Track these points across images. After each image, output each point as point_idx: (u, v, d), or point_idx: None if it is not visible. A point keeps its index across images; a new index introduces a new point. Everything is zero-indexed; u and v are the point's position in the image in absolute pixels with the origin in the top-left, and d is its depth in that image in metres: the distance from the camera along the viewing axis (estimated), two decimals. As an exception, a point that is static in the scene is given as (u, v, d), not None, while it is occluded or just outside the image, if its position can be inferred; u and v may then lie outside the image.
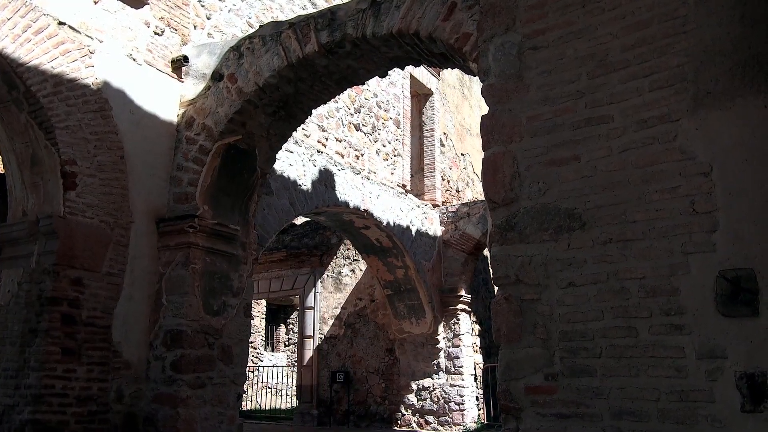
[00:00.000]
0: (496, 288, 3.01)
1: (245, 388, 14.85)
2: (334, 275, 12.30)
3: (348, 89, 9.85)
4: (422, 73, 11.94)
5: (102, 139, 5.98)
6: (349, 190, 9.32)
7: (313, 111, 9.09)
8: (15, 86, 5.47)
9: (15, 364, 5.37)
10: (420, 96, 12.25)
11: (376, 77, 10.65)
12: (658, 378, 2.47)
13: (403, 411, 11.17)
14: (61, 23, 5.78)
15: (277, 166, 8.10)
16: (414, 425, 11.02)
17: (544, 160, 2.92)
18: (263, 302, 16.20)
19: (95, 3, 6.22)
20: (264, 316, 16.35)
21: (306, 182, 8.60)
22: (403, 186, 10.90)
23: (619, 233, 2.67)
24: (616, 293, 2.62)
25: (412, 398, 11.15)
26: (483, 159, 3.14)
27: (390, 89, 11.00)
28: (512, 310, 2.83)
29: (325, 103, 7.12)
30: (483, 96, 3.22)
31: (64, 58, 5.76)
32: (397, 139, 10.98)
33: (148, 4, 6.78)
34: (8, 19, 5.33)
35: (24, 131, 5.70)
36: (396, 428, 11.05)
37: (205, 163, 6.54)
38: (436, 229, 11.27)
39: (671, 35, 2.69)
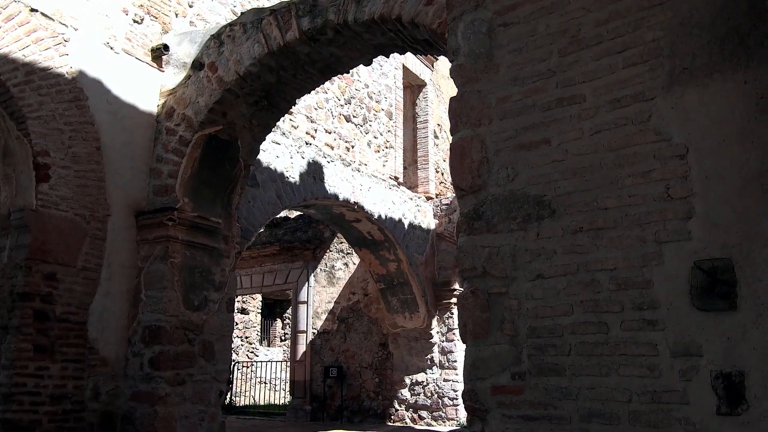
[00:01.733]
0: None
1: (241, 384, 14.75)
2: (328, 269, 12.14)
3: (338, 80, 9.72)
4: (415, 64, 11.73)
5: (77, 129, 5.82)
6: (338, 183, 9.14)
7: (302, 102, 8.96)
8: (-16, 76, 5.31)
9: (-14, 361, 5.23)
10: (413, 87, 12.04)
11: (368, 68, 10.53)
12: (630, 378, 2.29)
13: (397, 406, 11.03)
14: (33, 10, 5.60)
15: (264, 158, 7.93)
16: (408, 420, 10.87)
17: (513, 144, 2.73)
18: (258, 297, 16.07)
19: (70, -10, 6.04)
20: (259, 311, 16.23)
21: (294, 174, 8.42)
22: (396, 178, 10.72)
23: (590, 221, 2.48)
24: (586, 286, 2.44)
25: (405, 393, 11.00)
26: (450, 144, 2.96)
27: (382, 80, 10.80)
28: (479, 304, 2.65)
29: (308, 93, 6.94)
30: (452, 77, 3.03)
31: (37, 47, 5.59)
32: (389, 131, 10.79)
33: (127, -9, 6.60)
34: (-24, 6, 5.16)
35: (-5, 122, 5.55)
36: (390, 424, 10.91)
37: (185, 154, 6.38)
38: (429, 221, 11.09)
39: (646, 8, 2.49)
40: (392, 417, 11.04)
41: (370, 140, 10.31)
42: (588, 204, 2.49)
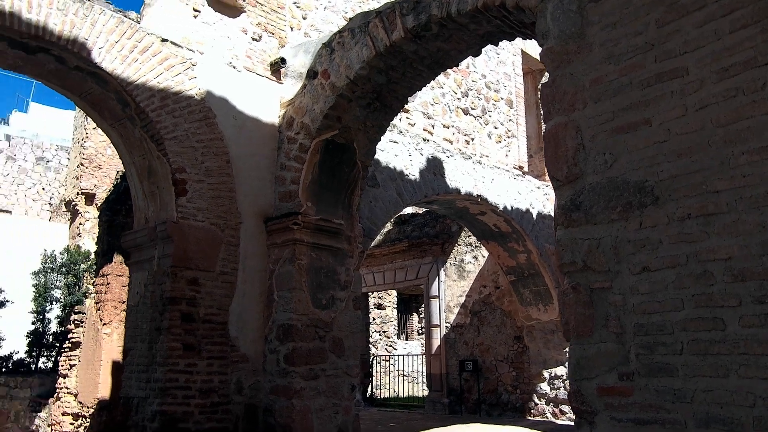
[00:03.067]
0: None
1: (381, 377, 15.17)
2: (457, 263, 12.09)
3: (454, 74, 9.63)
4: (535, 48, 11.26)
5: (208, 146, 6.32)
6: (459, 177, 9.06)
7: (417, 99, 8.99)
8: (127, 104, 5.94)
9: (145, 359, 5.87)
10: (534, 72, 11.59)
11: (484, 58, 10.31)
12: (752, 380, 2.03)
13: (536, 400, 10.72)
14: (163, 40, 6.18)
15: (382, 158, 8.08)
16: (548, 415, 10.53)
17: (610, 127, 2.53)
18: (393, 292, 16.41)
19: (195, 17, 6.58)
20: (395, 306, 16.58)
21: (413, 171, 8.49)
22: (520, 168, 10.40)
23: (699, 207, 2.23)
24: (697, 278, 2.20)
25: (544, 387, 10.66)
26: (544, 133, 2.81)
27: (500, 68, 10.53)
28: (581, 300, 2.50)
29: (419, 90, 6.95)
30: (542, 62, 2.88)
31: (169, 73, 6.16)
32: (510, 120, 10.49)
33: (245, 11, 7.05)
34: (116, 42, 5.80)
35: (139, 145, 6.19)
36: (529, 418, 10.64)
37: (305, 160, 6.67)
38: (559, 209, 10.62)
39: (755, -40, 2.19)
40: (532, 411, 10.76)
41: (490, 131, 10.10)
42: (696, 187, 2.24)
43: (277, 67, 7.12)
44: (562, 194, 2.66)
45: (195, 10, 6.59)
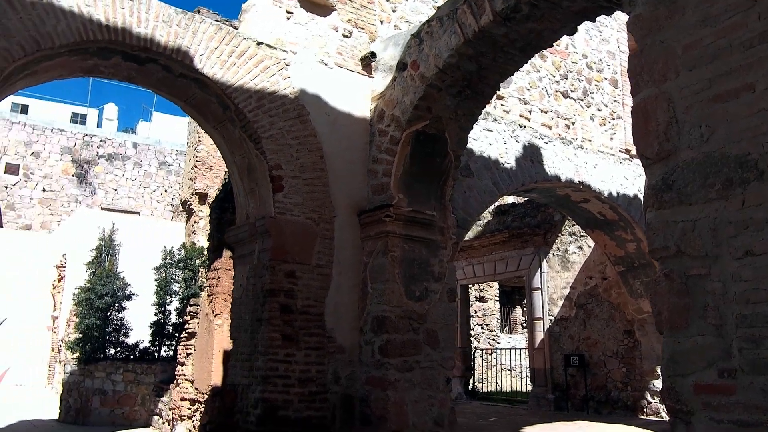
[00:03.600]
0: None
1: (484, 371, 14.95)
2: (560, 253, 11.63)
3: (551, 56, 9.25)
4: (641, 21, 10.57)
5: (302, 142, 6.50)
6: (559, 163, 8.70)
7: (512, 85, 8.73)
8: (227, 106, 6.24)
9: (247, 348, 6.14)
10: (641, 47, 10.87)
11: (585, 37, 9.81)
12: None
13: (650, 398, 10.09)
14: (259, 43, 6.42)
15: (476, 147, 7.92)
16: (663, 414, 9.86)
17: (706, 96, 2.28)
18: (495, 284, 16.09)
19: (288, 18, 6.78)
20: (497, 299, 16.25)
21: (509, 160, 8.25)
22: (627, 151, 9.80)
23: (811, 181, 1.96)
24: (810, 262, 1.93)
25: (658, 384, 9.98)
26: (632, 108, 2.60)
27: (602, 47, 9.97)
28: (675, 289, 2.28)
29: (512, 75, 6.74)
30: (629, 31, 2.66)
31: (264, 74, 6.39)
32: (615, 101, 9.91)
33: (335, 9, 7.16)
34: (216, 48, 6.10)
35: (239, 144, 6.48)
36: (642, 417, 10.03)
37: (396, 152, 6.67)
38: (671, 195, 9.90)
39: None
40: (644, 410, 10.14)
41: (592, 114, 9.60)
42: (808, 159, 1.97)
43: (368, 61, 7.18)
44: (653, 173, 2.44)
45: (288, 12, 6.78)
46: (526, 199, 12.00)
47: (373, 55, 7.17)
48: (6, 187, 22.65)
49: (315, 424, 5.95)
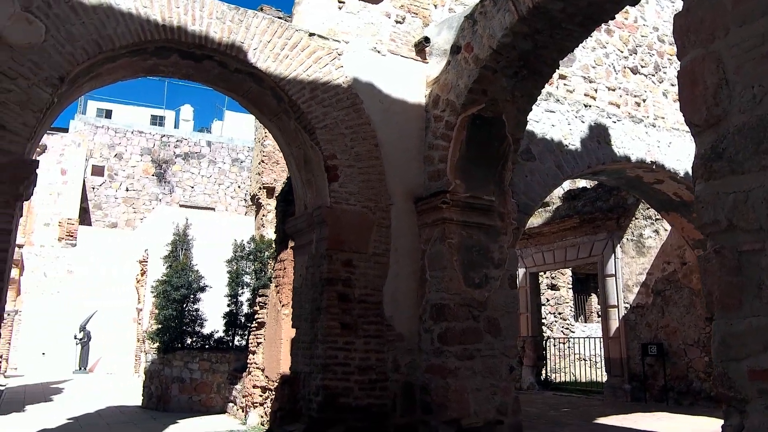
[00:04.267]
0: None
1: (558, 360, 14.54)
2: (635, 238, 11.09)
3: (618, 30, 8.81)
4: (718, -13, 9.86)
5: (356, 131, 6.49)
6: (628, 143, 8.28)
7: (576, 62, 8.37)
8: (281, 98, 6.32)
9: (308, 337, 6.23)
10: (719, 16, 10.14)
11: (655, 8, 9.27)
12: None
13: (736, 391, 9.47)
14: (311, 34, 6.46)
15: (537, 129, 7.66)
16: (751, 408, 9.24)
17: (760, 53, 2.06)
18: (567, 272, 15.59)
19: (339, 8, 6.78)
20: (570, 286, 15.73)
21: (574, 141, 7.93)
22: (704, 127, 9.19)
23: None
24: None
25: (745, 376, 9.37)
26: (678, 71, 2.40)
27: (674, 17, 9.38)
28: (726, 266, 2.09)
29: (571, 51, 6.44)
30: (676, -9, 2.45)
31: (317, 65, 6.42)
32: (689, 74, 9.31)
33: (387, -4, 7.09)
34: (268, 42, 6.18)
35: (295, 136, 6.56)
36: (728, 410, 9.42)
37: (451, 138, 6.55)
38: (756, 172, 9.22)
39: None
40: (730, 402, 9.53)
41: (665, 89, 9.07)
42: None
43: (422, 46, 7.07)
44: (702, 141, 2.24)
45: (339, 2, 6.78)
46: (596, 183, 11.53)
47: (426, 39, 7.06)
48: (93, 188, 24.14)
49: (375, 412, 5.97)
